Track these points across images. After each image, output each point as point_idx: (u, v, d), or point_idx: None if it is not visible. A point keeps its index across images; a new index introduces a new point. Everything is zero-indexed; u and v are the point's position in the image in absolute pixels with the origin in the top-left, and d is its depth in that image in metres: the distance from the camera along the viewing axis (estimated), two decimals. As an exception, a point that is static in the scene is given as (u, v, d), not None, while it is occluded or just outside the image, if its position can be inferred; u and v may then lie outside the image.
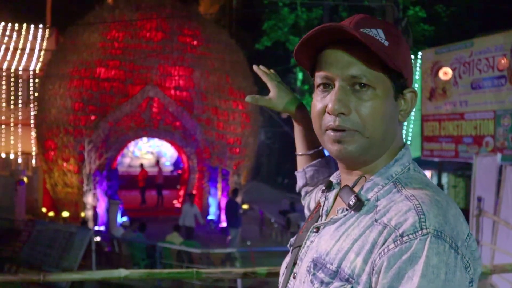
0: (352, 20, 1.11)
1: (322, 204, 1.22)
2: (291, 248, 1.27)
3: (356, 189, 1.14)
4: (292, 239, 1.29)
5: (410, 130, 17.88)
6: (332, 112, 1.09)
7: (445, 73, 13.77)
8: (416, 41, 19.02)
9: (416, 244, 0.96)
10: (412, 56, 17.74)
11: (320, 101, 1.13)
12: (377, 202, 1.09)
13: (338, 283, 1.03)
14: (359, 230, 1.06)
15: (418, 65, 17.35)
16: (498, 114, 13.48)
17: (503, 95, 13.29)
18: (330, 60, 1.11)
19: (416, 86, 17.53)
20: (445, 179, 16.71)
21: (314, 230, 1.17)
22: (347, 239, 1.06)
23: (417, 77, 17.49)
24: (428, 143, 16.06)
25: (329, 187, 1.22)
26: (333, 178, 1.27)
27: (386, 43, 1.09)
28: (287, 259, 1.27)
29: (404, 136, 17.99)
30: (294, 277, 1.19)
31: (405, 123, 17.94)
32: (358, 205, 1.09)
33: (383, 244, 1.00)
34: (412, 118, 17.82)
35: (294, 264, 1.21)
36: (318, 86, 1.14)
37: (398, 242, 0.98)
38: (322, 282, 1.06)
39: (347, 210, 1.12)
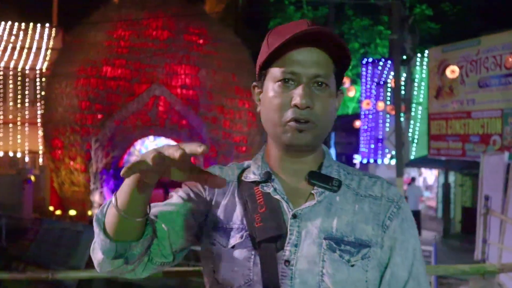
0: (314, 23, 1.24)
1: (273, 194, 1.27)
2: (258, 241, 1.21)
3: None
4: (237, 235, 1.25)
5: (417, 128, 17.83)
6: (301, 106, 1.21)
7: (452, 71, 13.72)
8: (423, 40, 18.96)
9: (404, 206, 1.30)
10: (419, 55, 17.69)
11: (280, 95, 1.24)
12: (345, 181, 1.30)
13: (363, 250, 1.22)
14: (351, 205, 1.26)
15: (424, 63, 17.28)
16: (506, 113, 13.41)
17: (511, 93, 13.23)
18: (296, 58, 1.23)
19: (423, 84, 17.48)
20: (452, 178, 16.65)
21: (294, 216, 1.24)
22: (347, 214, 1.25)
23: (423, 75, 17.44)
24: (435, 142, 16.01)
25: (269, 178, 1.28)
26: (259, 171, 1.32)
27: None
28: (243, 254, 1.22)
29: (410, 134, 17.94)
30: (288, 264, 1.20)
31: (412, 122, 17.89)
32: (339, 185, 1.27)
33: (388, 211, 1.27)
34: (419, 116, 17.77)
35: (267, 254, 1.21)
36: (278, 81, 1.24)
37: (396, 207, 1.29)
38: (350, 253, 1.21)
39: (323, 192, 1.26)
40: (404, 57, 17.47)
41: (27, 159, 19.73)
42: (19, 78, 19.72)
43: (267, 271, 1.19)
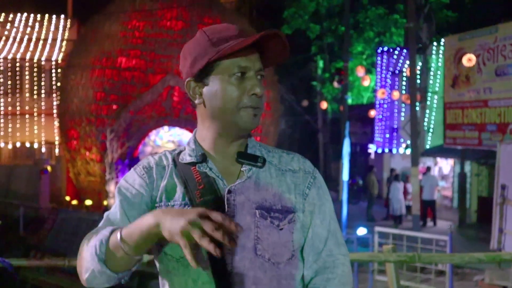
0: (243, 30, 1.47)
1: (209, 173, 1.46)
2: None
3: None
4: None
5: (433, 118, 17.70)
6: (258, 94, 1.43)
7: (469, 59, 13.56)
8: (439, 28, 18.76)
9: (318, 176, 1.56)
10: (435, 43, 17.52)
11: (237, 86, 1.42)
12: (267, 158, 1.51)
13: (289, 215, 1.46)
14: (275, 179, 1.49)
15: (441, 52, 17.12)
16: (523, 101, 13.27)
17: (528, 81, 13.06)
18: (245, 54, 1.42)
19: (439, 73, 17.32)
20: (468, 167, 16.52)
21: (227, 191, 1.44)
22: (273, 186, 1.47)
23: (439, 64, 17.27)
24: (451, 131, 15.88)
25: (204, 159, 1.47)
26: (195, 153, 1.49)
27: None
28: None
29: (426, 123, 17.81)
30: None
31: (427, 111, 17.75)
32: (264, 162, 1.48)
33: (306, 181, 1.52)
34: (435, 105, 17.63)
35: None
36: (233, 74, 1.42)
37: (313, 177, 1.54)
38: (279, 219, 1.44)
39: (250, 169, 1.47)
40: (420, 45, 17.31)
41: (43, 149, 19.93)
42: (35, 69, 19.89)
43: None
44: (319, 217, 1.52)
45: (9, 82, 19.75)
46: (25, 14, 19.67)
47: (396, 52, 18.95)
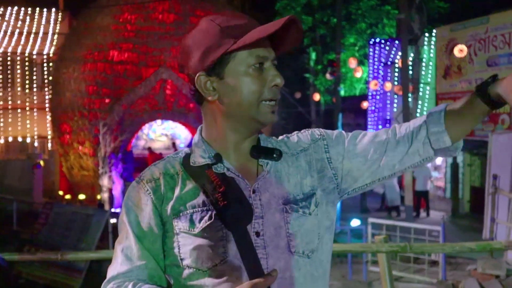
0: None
1: (228, 173, 1.35)
2: (228, 219, 1.29)
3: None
4: (204, 217, 1.31)
5: (425, 108, 17.74)
6: (280, 85, 1.35)
7: (460, 50, 13.59)
8: (431, 19, 18.76)
9: (324, 131, 1.49)
10: (427, 34, 17.54)
11: (257, 78, 1.33)
12: (280, 148, 1.42)
13: (312, 199, 1.39)
14: (292, 167, 1.41)
15: (432, 43, 17.14)
16: (515, 91, 13.33)
17: (520, 72, 13.11)
18: (262, 44, 1.33)
19: (431, 64, 17.36)
20: (460, 157, 16.59)
21: (252, 191, 1.34)
22: (292, 175, 1.39)
23: (431, 55, 17.31)
24: (443, 122, 15.93)
25: (219, 159, 1.36)
26: (207, 154, 1.38)
27: None
28: (215, 234, 1.29)
29: (418, 114, 17.86)
30: (258, 235, 1.31)
31: (420, 102, 17.81)
32: (280, 154, 1.39)
33: (321, 149, 1.44)
34: (427, 96, 17.68)
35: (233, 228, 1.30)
36: (251, 65, 1.32)
37: (323, 138, 1.46)
38: (306, 207, 1.37)
39: (268, 162, 1.38)
40: (412, 36, 17.33)
41: (36, 144, 19.86)
42: (27, 63, 19.78)
43: (244, 246, 1.28)
44: (351, 143, 1.44)
45: (0, 76, 19.64)
46: (16, 8, 19.54)
47: (388, 43, 18.96)
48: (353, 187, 1.45)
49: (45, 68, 19.77)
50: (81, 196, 15.27)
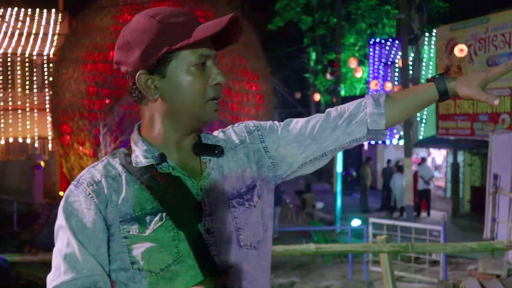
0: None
1: (174, 173, 1.33)
2: (179, 219, 1.29)
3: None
4: (155, 218, 1.29)
5: (425, 108, 17.74)
6: (222, 84, 1.34)
7: (461, 50, 13.59)
8: (431, 18, 18.77)
9: (260, 124, 1.50)
10: (427, 34, 17.54)
11: (200, 77, 1.31)
12: (220, 143, 1.42)
13: (254, 191, 1.40)
14: (233, 161, 1.41)
15: (432, 42, 17.14)
16: (515, 91, 13.32)
17: (520, 71, 13.11)
18: (204, 42, 1.32)
19: (431, 63, 17.35)
20: (460, 157, 16.59)
21: (199, 189, 1.33)
22: (234, 170, 1.40)
23: (431, 55, 17.30)
24: (443, 121, 15.94)
25: (164, 159, 1.33)
26: (150, 154, 1.34)
27: None
28: (167, 234, 1.28)
29: (418, 114, 17.86)
30: (209, 232, 1.31)
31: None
32: (222, 151, 1.39)
33: (256, 139, 1.46)
34: (427, 96, 17.67)
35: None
36: (194, 64, 1.30)
37: (258, 129, 1.48)
38: (250, 200, 1.38)
39: (211, 159, 1.38)
40: (412, 36, 17.33)
41: (36, 145, 19.86)
42: (27, 64, 19.78)
43: (196, 245, 1.28)
44: (284, 130, 1.48)
45: (1, 77, 19.64)
46: (16, 9, 19.53)
47: (388, 43, 18.97)
48: (287, 172, 1.49)
49: (45, 69, 19.78)
50: (82, 197, 15.25)
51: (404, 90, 1.49)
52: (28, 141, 19.75)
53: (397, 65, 18.15)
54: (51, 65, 19.03)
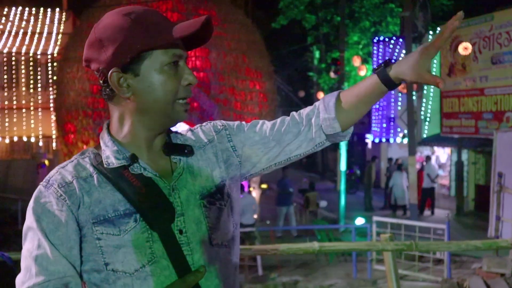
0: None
1: (145, 174, 1.33)
2: (151, 220, 1.29)
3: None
4: (129, 220, 1.28)
5: (429, 107, 17.71)
6: (193, 84, 1.36)
7: (465, 48, 13.56)
8: (435, 16, 18.73)
9: (228, 124, 1.53)
10: (431, 32, 17.50)
11: (172, 77, 1.32)
12: (189, 143, 1.44)
13: (224, 190, 1.42)
14: (202, 160, 1.42)
15: (436, 40, 17.09)
16: (519, 89, 13.29)
17: (524, 69, 13.07)
18: (177, 42, 1.32)
19: (435, 61, 17.31)
20: (465, 155, 16.56)
21: (171, 190, 1.34)
22: (204, 170, 1.41)
23: (436, 53, 17.25)
24: (447, 120, 15.91)
25: (136, 160, 1.33)
26: (121, 155, 1.33)
27: None
28: (141, 235, 1.28)
29: (423, 113, 17.84)
30: (182, 232, 1.32)
31: (424, 100, 17.76)
32: (192, 150, 1.41)
33: (224, 139, 1.48)
34: (431, 94, 17.64)
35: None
36: (166, 64, 1.31)
37: (225, 128, 1.50)
38: (220, 199, 1.40)
39: (180, 159, 1.39)
40: (416, 34, 17.29)
41: (41, 143, 19.91)
42: (31, 63, 19.82)
43: (170, 245, 1.29)
44: (251, 131, 1.50)
45: (5, 76, 19.69)
46: (20, 8, 19.57)
47: (392, 41, 18.93)
48: (250, 172, 1.51)
49: (50, 68, 19.81)
50: (86, 196, 15.30)
51: (355, 86, 1.49)
52: (33, 140, 19.80)
53: (401, 64, 18.10)
54: (55, 64, 19.06)
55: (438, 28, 16.76)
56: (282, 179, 14.12)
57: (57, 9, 20.02)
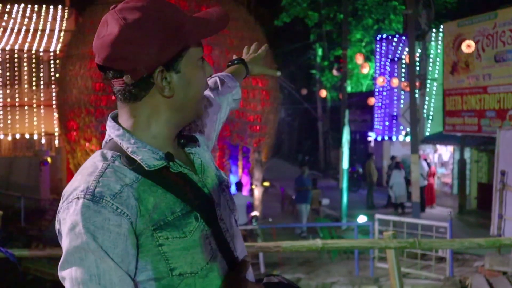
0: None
1: (183, 171, 1.30)
2: (206, 215, 1.28)
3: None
4: (190, 220, 1.25)
5: (432, 105, 17.68)
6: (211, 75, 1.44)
7: (468, 46, 13.53)
8: (438, 14, 18.70)
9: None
10: (434, 30, 17.47)
11: (203, 71, 1.33)
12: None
13: (221, 173, 1.45)
14: (203, 150, 1.44)
15: (440, 38, 17.07)
16: (522, 87, 13.27)
17: (528, 67, 13.04)
18: None
19: (438, 59, 17.29)
20: (467, 154, 16.54)
21: (203, 182, 1.35)
22: (209, 158, 1.44)
23: (439, 51, 17.23)
24: (450, 118, 15.89)
25: (172, 158, 1.28)
26: (157, 155, 1.27)
27: None
28: (202, 233, 1.26)
29: (425, 111, 17.82)
30: (221, 221, 1.33)
31: (427, 98, 17.74)
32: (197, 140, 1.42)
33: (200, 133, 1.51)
34: (434, 92, 17.61)
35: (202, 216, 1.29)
36: (199, 58, 1.31)
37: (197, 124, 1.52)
38: (227, 182, 1.45)
39: (194, 150, 1.39)
40: (419, 32, 17.27)
41: (43, 141, 19.94)
42: (34, 61, 19.85)
43: (220, 237, 1.31)
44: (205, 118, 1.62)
45: (8, 74, 19.72)
46: (22, 5, 19.59)
47: (395, 39, 18.90)
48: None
49: (52, 65, 19.83)
50: (88, 193, 15.31)
51: (233, 70, 1.94)
52: (35, 137, 19.83)
53: (404, 61, 18.09)
54: (57, 61, 19.08)
55: (442, 26, 16.73)
56: (300, 176, 14.13)
57: (60, 7, 20.04)
